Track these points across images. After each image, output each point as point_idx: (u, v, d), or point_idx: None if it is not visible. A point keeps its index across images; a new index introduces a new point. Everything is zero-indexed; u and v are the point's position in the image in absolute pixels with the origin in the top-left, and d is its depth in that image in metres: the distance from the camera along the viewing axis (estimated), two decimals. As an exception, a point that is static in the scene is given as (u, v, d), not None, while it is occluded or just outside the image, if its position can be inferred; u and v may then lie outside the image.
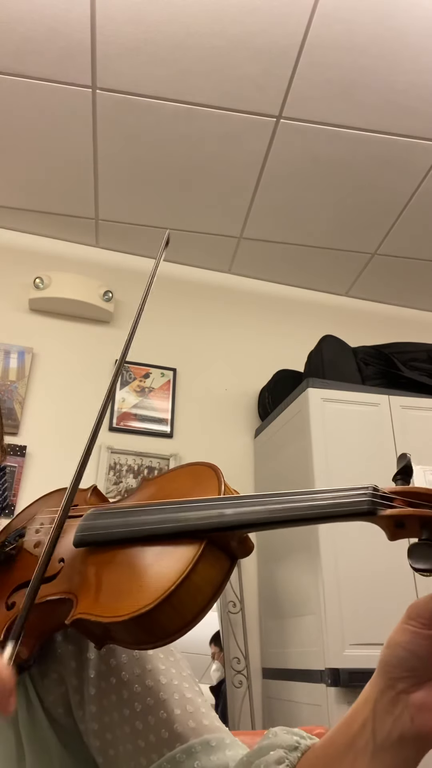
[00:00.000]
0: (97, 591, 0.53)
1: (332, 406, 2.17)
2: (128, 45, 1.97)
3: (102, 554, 0.56)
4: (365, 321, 3.12)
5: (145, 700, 0.58)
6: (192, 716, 0.58)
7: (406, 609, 0.44)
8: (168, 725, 0.56)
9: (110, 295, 2.69)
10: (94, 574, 0.55)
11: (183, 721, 0.57)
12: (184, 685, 0.60)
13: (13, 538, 0.67)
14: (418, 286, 3.10)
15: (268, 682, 2.20)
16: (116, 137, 2.31)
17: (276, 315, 3.04)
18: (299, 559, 2.07)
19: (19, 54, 2.00)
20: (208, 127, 2.24)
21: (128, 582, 0.52)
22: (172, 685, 0.60)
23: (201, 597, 0.50)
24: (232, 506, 0.52)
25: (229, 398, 2.76)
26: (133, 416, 2.57)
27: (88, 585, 0.55)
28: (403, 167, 2.37)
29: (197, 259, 2.97)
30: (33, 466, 2.33)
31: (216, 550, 0.51)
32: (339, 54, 1.97)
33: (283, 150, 2.32)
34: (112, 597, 0.52)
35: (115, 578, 0.53)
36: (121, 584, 0.52)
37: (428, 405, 2.25)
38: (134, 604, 0.49)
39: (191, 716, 0.57)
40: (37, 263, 2.73)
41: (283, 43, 1.94)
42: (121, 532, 0.56)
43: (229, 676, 2.11)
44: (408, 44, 1.93)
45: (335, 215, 2.65)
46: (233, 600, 2.28)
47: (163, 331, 2.81)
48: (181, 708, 0.58)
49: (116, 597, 0.51)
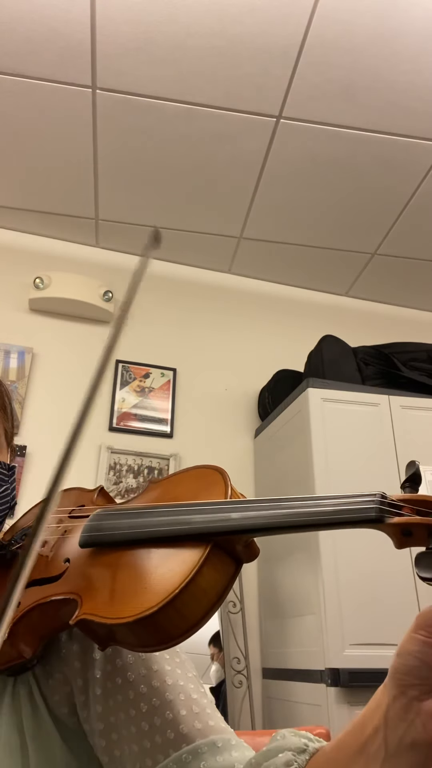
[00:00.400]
0: (101, 592, 0.53)
1: (332, 406, 2.17)
2: (128, 45, 1.97)
3: (107, 555, 0.56)
4: (365, 321, 3.12)
5: (151, 700, 0.58)
6: (198, 717, 0.58)
7: (415, 618, 0.44)
8: (174, 726, 0.56)
9: (110, 295, 2.69)
10: (99, 575, 0.55)
11: (189, 722, 0.57)
12: (189, 686, 0.61)
13: (19, 536, 0.68)
14: (418, 286, 3.10)
15: (268, 682, 2.20)
16: (116, 137, 2.31)
17: (276, 315, 3.04)
18: (299, 559, 2.07)
19: (19, 54, 2.00)
20: (208, 127, 2.24)
21: (133, 584, 0.52)
22: (177, 685, 0.60)
23: (205, 600, 0.50)
24: (239, 510, 0.52)
25: (229, 398, 2.76)
26: (133, 416, 2.57)
27: (93, 586, 0.55)
28: (403, 167, 2.37)
29: (197, 259, 2.97)
30: (33, 466, 2.34)
31: (221, 554, 0.51)
32: (339, 54, 1.97)
33: (283, 150, 2.32)
34: (117, 598, 0.52)
35: (120, 580, 0.53)
36: (126, 586, 0.52)
37: (428, 405, 2.25)
38: (138, 606, 0.49)
39: (197, 717, 0.58)
40: (37, 263, 2.73)
41: (283, 43, 1.94)
42: (127, 533, 0.56)
43: (229, 676, 2.11)
44: (408, 44, 1.93)
45: (335, 215, 2.65)
46: (233, 600, 2.28)
47: (163, 331, 2.81)
48: (187, 709, 0.58)
49: (121, 599, 0.51)
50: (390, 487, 1.87)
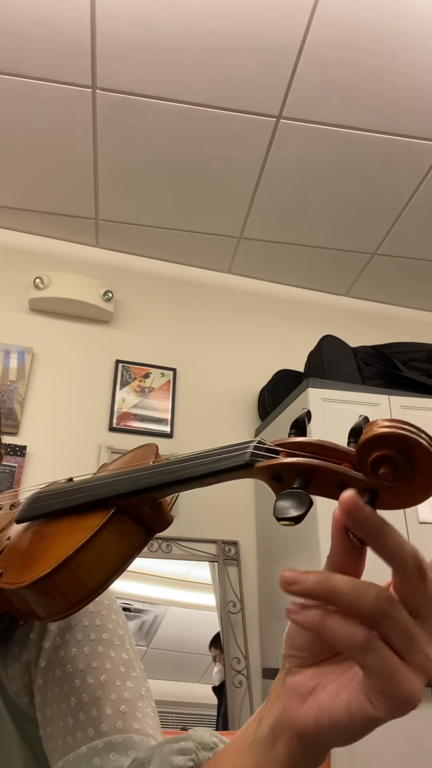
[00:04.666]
0: (20, 562, 0.55)
1: (332, 406, 2.17)
2: (128, 45, 1.97)
3: (33, 529, 0.58)
4: (365, 321, 3.12)
5: (81, 696, 0.57)
6: (123, 717, 0.55)
7: None
8: (96, 724, 0.55)
9: (110, 295, 2.69)
10: (22, 546, 0.57)
11: (112, 721, 0.55)
12: (127, 685, 0.59)
13: None
14: (418, 286, 3.10)
15: (268, 682, 2.20)
16: (116, 137, 2.31)
17: (276, 315, 3.04)
18: (299, 559, 2.07)
19: (19, 54, 2.00)
20: (208, 127, 2.24)
21: (41, 551, 0.53)
22: (112, 684, 0.58)
23: (103, 566, 0.50)
24: (140, 473, 0.51)
25: (229, 398, 2.76)
26: (133, 416, 2.57)
27: (14, 557, 0.56)
28: (403, 167, 2.37)
29: (197, 259, 2.97)
30: (33, 466, 2.33)
31: (126, 520, 0.52)
32: (339, 54, 1.97)
33: (283, 150, 2.32)
34: (27, 565, 0.53)
35: (34, 549, 0.55)
36: (35, 553, 0.54)
37: (428, 405, 2.25)
38: (38, 570, 0.50)
39: (123, 717, 0.55)
40: (37, 263, 2.73)
41: (283, 43, 1.94)
42: (47, 505, 0.58)
43: (229, 676, 2.11)
44: (408, 44, 1.93)
45: (335, 215, 2.65)
46: (233, 600, 2.28)
47: (163, 331, 2.81)
48: (114, 708, 0.56)
49: (28, 565, 0.52)
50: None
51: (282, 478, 0.41)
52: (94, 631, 0.62)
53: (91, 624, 0.63)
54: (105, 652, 0.61)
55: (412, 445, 0.35)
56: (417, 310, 3.28)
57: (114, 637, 0.63)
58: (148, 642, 2.16)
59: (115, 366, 2.65)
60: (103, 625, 0.63)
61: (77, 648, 0.60)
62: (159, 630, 2.17)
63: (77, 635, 0.62)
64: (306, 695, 0.36)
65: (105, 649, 0.61)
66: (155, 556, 2.27)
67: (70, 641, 0.61)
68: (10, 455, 2.31)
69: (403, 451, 0.36)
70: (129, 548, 0.51)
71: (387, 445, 0.36)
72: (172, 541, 2.31)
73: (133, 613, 2.18)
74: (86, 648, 0.61)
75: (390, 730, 0.44)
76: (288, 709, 0.37)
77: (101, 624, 0.63)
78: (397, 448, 0.36)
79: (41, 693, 0.59)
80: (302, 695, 0.37)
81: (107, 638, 0.62)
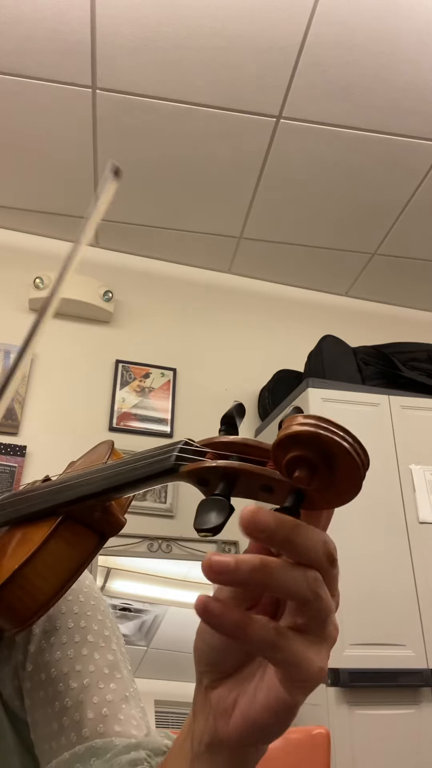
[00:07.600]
0: None
1: (332, 406, 2.17)
2: (128, 45, 1.97)
3: None
4: (365, 321, 3.12)
5: (64, 700, 0.57)
6: (105, 720, 0.55)
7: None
8: (78, 729, 0.54)
9: (110, 295, 2.69)
10: None
11: (93, 725, 0.54)
12: (110, 687, 0.58)
13: None
14: (418, 286, 3.10)
15: (268, 682, 2.20)
16: (116, 137, 2.31)
17: (276, 315, 3.04)
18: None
19: (19, 54, 2.00)
20: (208, 127, 2.24)
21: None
22: (95, 687, 0.58)
23: (54, 576, 0.49)
24: (79, 480, 0.50)
25: (229, 398, 2.75)
26: (133, 416, 2.57)
27: None
28: (403, 167, 2.37)
29: (197, 259, 2.97)
30: (33, 466, 2.33)
31: (76, 526, 0.50)
32: (339, 54, 1.97)
33: (283, 150, 2.32)
34: None
35: None
36: None
37: (428, 405, 2.25)
38: None
39: (104, 720, 0.55)
40: (37, 263, 2.73)
41: (283, 43, 1.94)
42: (3, 515, 0.56)
43: (229, 676, 2.11)
44: (408, 44, 1.93)
45: (335, 215, 2.65)
46: (233, 600, 2.27)
47: (163, 331, 2.81)
48: (96, 712, 0.55)
49: None
50: (390, 486, 1.88)
51: (207, 482, 0.38)
52: (78, 633, 0.61)
53: (76, 626, 0.62)
54: (89, 655, 0.60)
55: (329, 445, 0.31)
56: (417, 310, 3.28)
57: (99, 639, 0.62)
58: (148, 642, 2.16)
59: (115, 366, 2.65)
60: (88, 627, 0.62)
61: (61, 651, 0.60)
62: (159, 630, 2.17)
63: (62, 638, 0.61)
64: (231, 709, 0.36)
65: (89, 652, 0.60)
66: (155, 556, 2.27)
67: (55, 644, 0.60)
68: (10, 455, 2.31)
69: (320, 451, 0.32)
70: (80, 556, 0.50)
71: (301, 444, 0.32)
72: (172, 541, 2.31)
73: (133, 613, 2.17)
74: (70, 651, 0.60)
75: (390, 730, 0.43)
76: (219, 728, 0.36)
77: (86, 625, 0.62)
78: (312, 449, 0.32)
79: (30, 697, 0.59)
80: (227, 710, 0.36)
81: (92, 640, 0.61)
